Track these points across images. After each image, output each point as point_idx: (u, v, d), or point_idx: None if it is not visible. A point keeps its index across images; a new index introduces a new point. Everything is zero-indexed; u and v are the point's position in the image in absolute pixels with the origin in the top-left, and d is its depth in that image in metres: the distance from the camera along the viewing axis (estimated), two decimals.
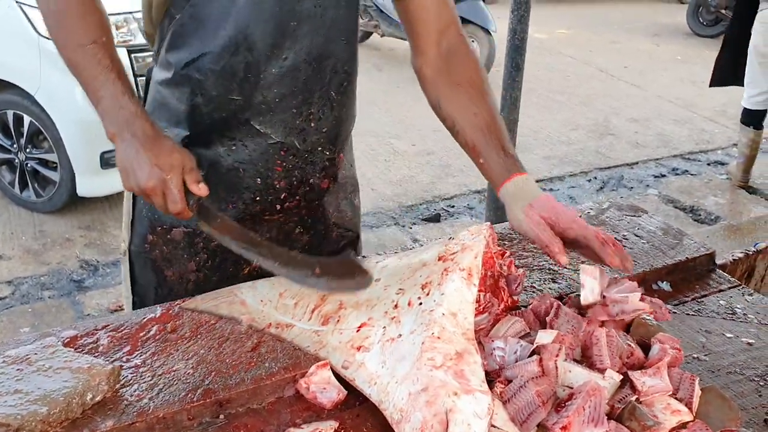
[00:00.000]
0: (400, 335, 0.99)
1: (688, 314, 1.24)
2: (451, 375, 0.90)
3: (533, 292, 1.24)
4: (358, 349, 1.02)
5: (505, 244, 1.39)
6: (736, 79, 4.68)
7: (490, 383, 0.92)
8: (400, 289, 1.06)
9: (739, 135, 4.77)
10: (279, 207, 1.35)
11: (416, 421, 0.87)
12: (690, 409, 0.94)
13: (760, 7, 4.34)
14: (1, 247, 3.65)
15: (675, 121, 6.18)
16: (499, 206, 3.23)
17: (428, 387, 0.89)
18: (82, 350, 1.06)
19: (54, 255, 3.61)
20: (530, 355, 0.96)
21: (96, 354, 1.05)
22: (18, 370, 0.96)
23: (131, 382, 1.00)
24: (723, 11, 8.86)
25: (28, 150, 3.91)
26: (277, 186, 1.32)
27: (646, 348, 1.03)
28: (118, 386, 0.98)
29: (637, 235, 1.46)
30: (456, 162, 4.87)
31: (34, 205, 4.01)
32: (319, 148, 1.34)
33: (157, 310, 1.17)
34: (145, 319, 1.14)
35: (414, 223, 4.21)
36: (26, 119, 3.80)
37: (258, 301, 1.17)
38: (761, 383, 1.07)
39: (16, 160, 3.97)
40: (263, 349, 1.08)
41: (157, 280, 1.38)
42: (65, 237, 3.78)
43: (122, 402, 0.96)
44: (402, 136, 5.45)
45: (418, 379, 0.91)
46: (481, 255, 1.02)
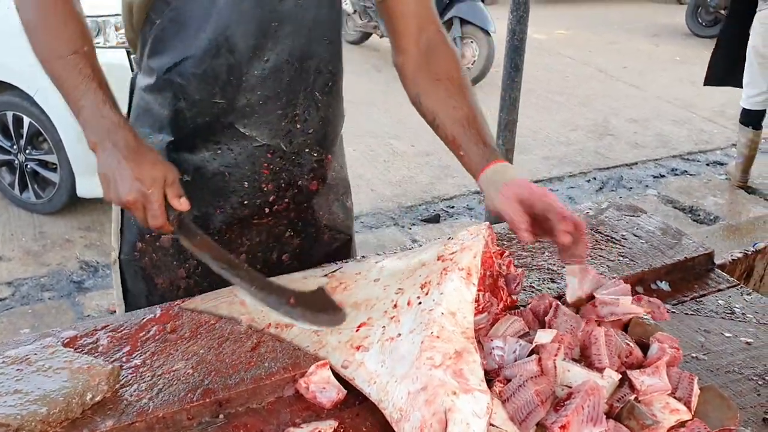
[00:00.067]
0: (399, 335, 0.99)
1: (686, 314, 1.24)
2: (450, 374, 0.90)
3: (532, 291, 1.25)
4: (358, 348, 1.02)
5: (504, 244, 1.39)
6: (733, 80, 4.67)
7: (489, 382, 0.93)
8: (400, 289, 1.06)
9: (738, 135, 4.77)
10: (268, 210, 1.34)
11: (415, 420, 0.88)
12: (689, 408, 0.94)
13: (759, 8, 4.32)
14: (1, 249, 3.64)
15: (674, 121, 6.18)
16: None
17: (427, 386, 0.89)
18: (82, 350, 1.06)
19: (54, 256, 3.61)
20: (529, 355, 0.97)
21: (96, 354, 1.05)
22: (18, 370, 0.96)
23: (131, 382, 1.00)
24: (722, 12, 8.84)
25: (27, 151, 3.90)
26: (265, 189, 1.31)
27: (644, 347, 1.04)
28: (117, 386, 0.98)
29: (636, 235, 1.46)
30: (455, 162, 4.76)
31: (33, 206, 4.00)
32: (306, 150, 1.33)
33: (157, 311, 1.17)
34: (144, 320, 1.14)
35: (413, 224, 4.21)
36: (26, 120, 3.80)
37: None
38: (760, 382, 1.07)
39: (16, 162, 3.96)
40: (263, 349, 1.08)
41: (148, 289, 1.37)
42: (65, 238, 3.78)
43: (122, 402, 0.96)
44: (401, 137, 5.44)
45: (417, 378, 0.91)
46: (480, 255, 1.02)
